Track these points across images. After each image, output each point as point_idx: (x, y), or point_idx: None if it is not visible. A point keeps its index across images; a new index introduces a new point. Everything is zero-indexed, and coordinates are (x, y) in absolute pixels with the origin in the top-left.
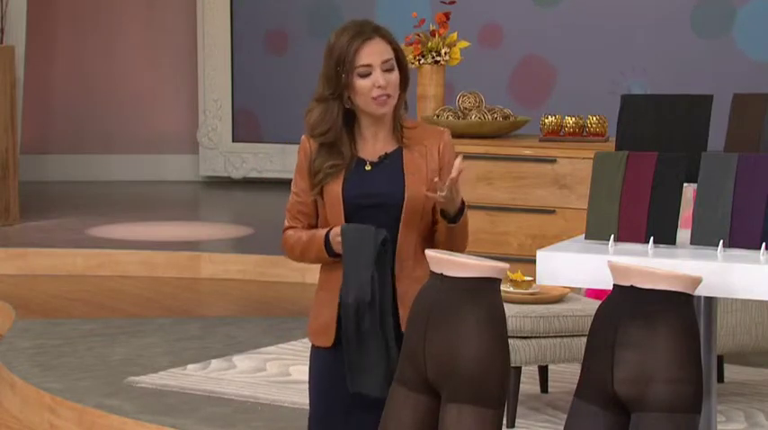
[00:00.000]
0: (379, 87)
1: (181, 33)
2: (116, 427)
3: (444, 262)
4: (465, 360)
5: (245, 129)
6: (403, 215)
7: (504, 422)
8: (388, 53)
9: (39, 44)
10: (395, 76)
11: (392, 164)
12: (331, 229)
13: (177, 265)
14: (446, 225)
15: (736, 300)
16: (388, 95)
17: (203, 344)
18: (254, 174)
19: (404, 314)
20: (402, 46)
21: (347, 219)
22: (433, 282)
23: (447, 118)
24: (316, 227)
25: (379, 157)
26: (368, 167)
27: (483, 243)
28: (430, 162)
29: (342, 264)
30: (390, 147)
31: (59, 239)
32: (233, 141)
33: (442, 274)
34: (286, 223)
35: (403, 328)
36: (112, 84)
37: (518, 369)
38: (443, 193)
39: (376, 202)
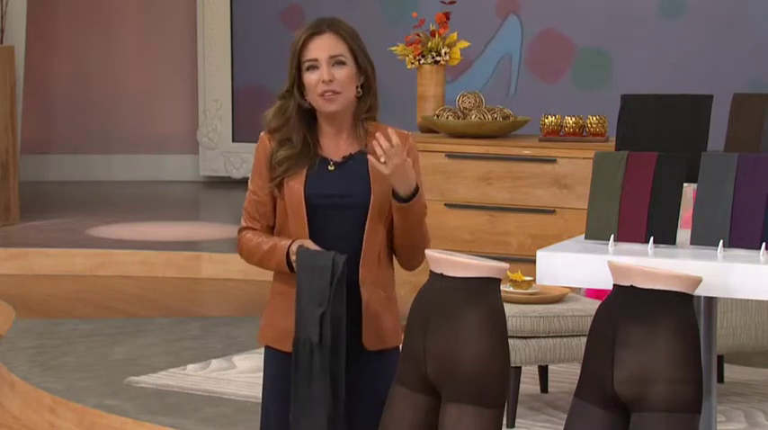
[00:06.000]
0: (323, 82)
1: (181, 33)
2: (116, 427)
3: (444, 262)
4: (465, 360)
5: (247, 127)
6: (368, 219)
7: (504, 422)
8: (339, 49)
9: (39, 44)
10: (345, 72)
11: (356, 166)
12: (292, 243)
13: (177, 265)
14: (397, 205)
15: (736, 300)
16: (335, 92)
17: (203, 344)
18: None
19: (367, 322)
20: (402, 46)
21: (309, 220)
22: (432, 282)
23: (447, 118)
24: (273, 227)
25: (343, 157)
26: (331, 167)
27: (483, 243)
28: None
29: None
30: (354, 149)
31: (59, 239)
32: (233, 141)
33: (441, 274)
34: (243, 223)
35: (364, 341)
36: (112, 83)
37: (518, 369)
38: (384, 163)
39: (339, 203)
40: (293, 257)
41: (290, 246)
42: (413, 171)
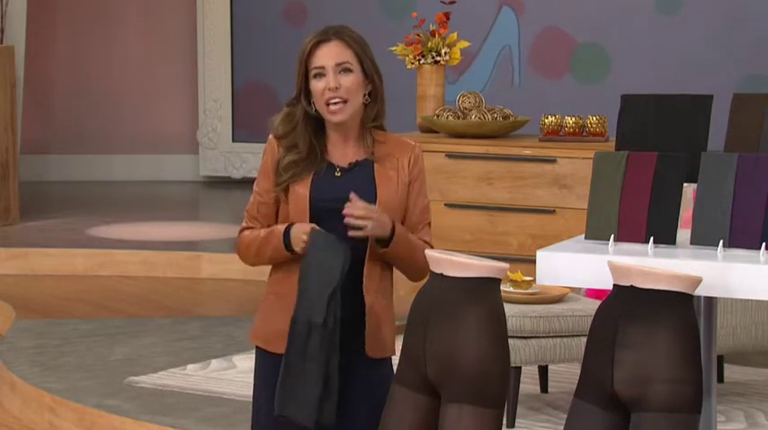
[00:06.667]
0: (330, 89)
1: (181, 33)
2: (116, 427)
3: (444, 262)
4: (465, 360)
5: (249, 127)
6: None
7: (504, 422)
8: (345, 56)
9: (39, 44)
10: (351, 79)
11: (363, 172)
12: (294, 223)
13: (177, 265)
14: (380, 251)
15: (736, 300)
16: (343, 100)
17: (203, 344)
18: (254, 174)
19: (371, 329)
20: (402, 46)
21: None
22: (432, 283)
23: (447, 118)
24: None
25: (350, 164)
26: (338, 173)
27: (483, 243)
28: (401, 174)
29: (299, 272)
30: (361, 156)
31: (59, 239)
32: (233, 141)
33: (441, 274)
34: (243, 224)
35: (367, 348)
36: (112, 83)
37: (518, 369)
38: (359, 225)
39: (344, 208)
40: (302, 237)
41: (287, 228)
42: (385, 216)
